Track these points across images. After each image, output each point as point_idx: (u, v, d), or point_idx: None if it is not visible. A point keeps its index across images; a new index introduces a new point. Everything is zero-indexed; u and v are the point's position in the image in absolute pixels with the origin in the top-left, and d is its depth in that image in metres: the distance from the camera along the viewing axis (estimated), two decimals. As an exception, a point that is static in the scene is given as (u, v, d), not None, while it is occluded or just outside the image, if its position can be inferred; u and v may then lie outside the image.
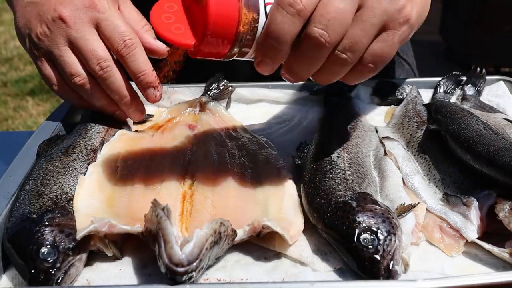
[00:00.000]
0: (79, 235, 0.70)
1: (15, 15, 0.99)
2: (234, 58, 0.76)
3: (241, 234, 0.73)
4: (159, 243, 0.65)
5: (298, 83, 1.17)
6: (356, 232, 0.70)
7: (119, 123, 1.03)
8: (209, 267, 0.72)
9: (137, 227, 0.71)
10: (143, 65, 0.93)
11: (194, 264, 0.64)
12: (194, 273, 0.65)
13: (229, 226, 0.70)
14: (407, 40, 0.81)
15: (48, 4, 0.92)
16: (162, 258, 0.64)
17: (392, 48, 0.75)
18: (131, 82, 0.96)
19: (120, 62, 0.93)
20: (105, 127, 1.00)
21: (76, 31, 0.90)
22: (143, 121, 1.11)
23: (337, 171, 0.84)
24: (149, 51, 0.95)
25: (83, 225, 0.72)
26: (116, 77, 0.93)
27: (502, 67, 4.44)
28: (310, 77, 0.77)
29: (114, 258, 0.74)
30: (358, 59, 0.73)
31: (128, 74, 0.95)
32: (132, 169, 0.87)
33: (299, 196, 0.85)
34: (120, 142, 0.96)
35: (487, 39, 4.25)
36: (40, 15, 0.92)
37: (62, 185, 0.81)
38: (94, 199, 0.80)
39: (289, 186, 0.86)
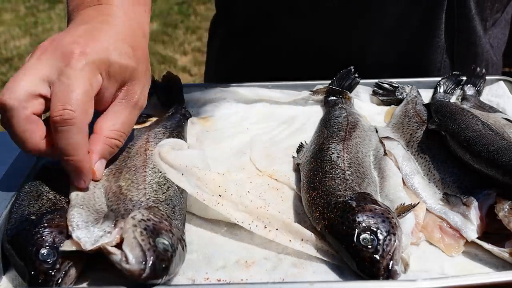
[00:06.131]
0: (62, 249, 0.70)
1: None
2: None
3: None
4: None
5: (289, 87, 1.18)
6: (356, 232, 0.70)
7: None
8: (209, 267, 0.73)
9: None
10: (71, 149, 0.75)
11: (152, 256, 0.64)
12: (167, 252, 0.66)
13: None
14: None
15: (52, 37, 0.81)
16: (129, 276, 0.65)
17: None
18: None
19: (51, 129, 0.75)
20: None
21: (30, 63, 0.76)
22: (142, 121, 1.11)
23: (337, 171, 0.84)
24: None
25: None
26: (11, 122, 0.74)
27: (502, 67, 4.43)
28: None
29: None
30: None
31: None
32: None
33: (299, 196, 0.86)
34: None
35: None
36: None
37: (61, 185, 0.81)
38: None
39: None
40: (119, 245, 0.66)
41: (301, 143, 1.00)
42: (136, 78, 0.83)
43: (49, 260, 0.68)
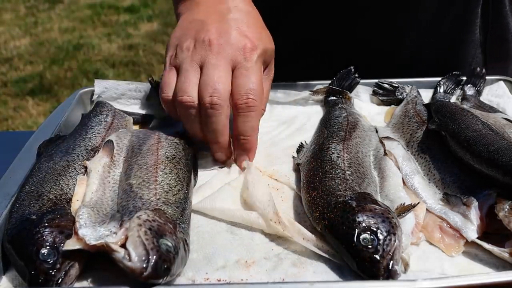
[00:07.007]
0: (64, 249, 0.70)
1: (177, 25, 0.99)
2: None
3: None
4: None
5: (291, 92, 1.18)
6: (356, 232, 0.70)
7: (119, 124, 1.03)
8: (209, 267, 0.73)
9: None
10: (250, 130, 0.91)
11: (155, 256, 0.65)
12: (169, 254, 0.66)
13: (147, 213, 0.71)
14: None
15: (209, 28, 0.91)
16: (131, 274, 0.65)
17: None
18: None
19: (233, 114, 0.90)
20: (105, 127, 1.00)
21: (214, 58, 0.89)
22: (144, 121, 1.11)
23: (337, 171, 0.84)
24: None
25: None
26: (219, 119, 0.88)
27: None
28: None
29: None
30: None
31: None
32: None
33: (299, 196, 0.86)
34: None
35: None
36: (196, 32, 0.91)
37: (62, 185, 0.81)
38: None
39: None
40: (123, 246, 0.66)
41: (301, 143, 1.00)
42: (273, 56, 0.98)
43: (49, 260, 0.68)
